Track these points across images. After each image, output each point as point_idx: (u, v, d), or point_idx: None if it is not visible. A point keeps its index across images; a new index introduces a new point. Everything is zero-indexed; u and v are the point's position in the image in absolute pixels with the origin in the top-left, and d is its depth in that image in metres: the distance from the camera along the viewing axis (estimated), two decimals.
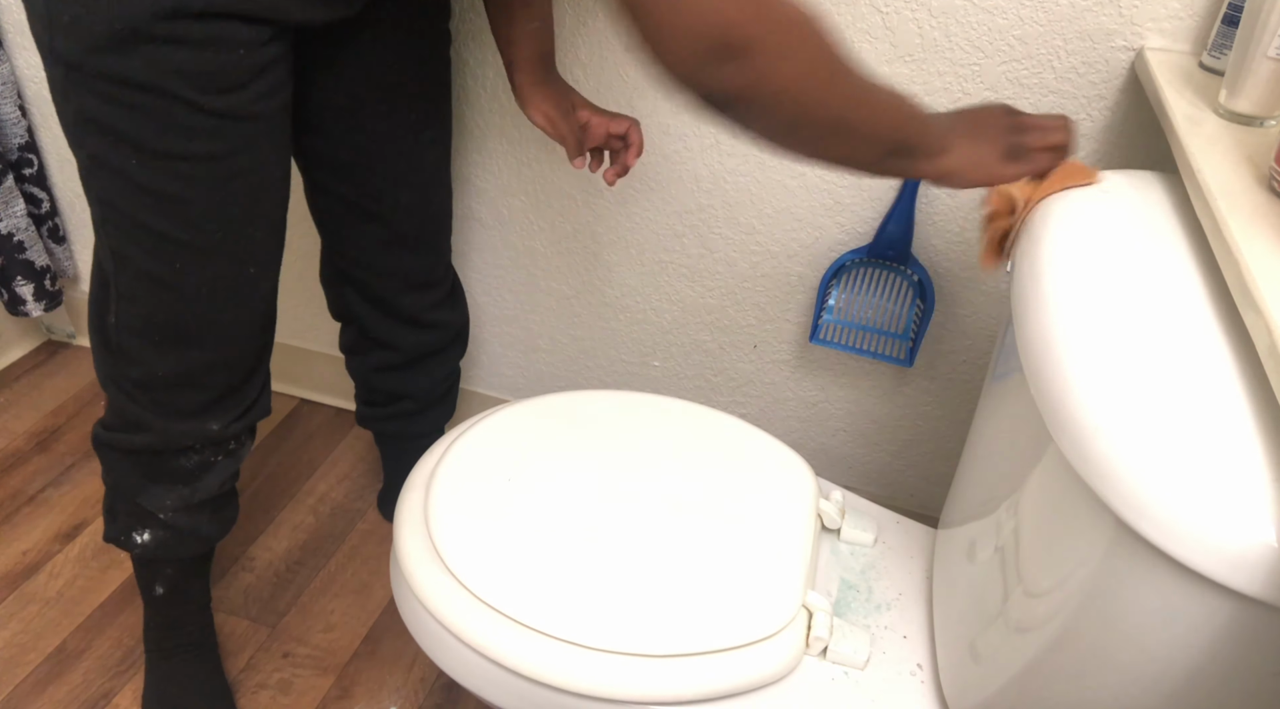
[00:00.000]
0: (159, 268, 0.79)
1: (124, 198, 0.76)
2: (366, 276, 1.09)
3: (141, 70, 0.69)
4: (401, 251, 1.08)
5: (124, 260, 0.80)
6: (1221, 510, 0.45)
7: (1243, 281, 0.53)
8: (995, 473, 0.71)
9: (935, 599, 0.82)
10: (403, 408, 1.22)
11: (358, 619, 1.22)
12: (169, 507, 0.94)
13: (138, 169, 0.74)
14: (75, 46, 0.69)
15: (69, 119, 0.74)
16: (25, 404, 1.51)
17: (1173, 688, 0.51)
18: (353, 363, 1.21)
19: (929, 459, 1.29)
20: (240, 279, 0.84)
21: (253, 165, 0.78)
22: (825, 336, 1.16)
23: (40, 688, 1.11)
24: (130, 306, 0.83)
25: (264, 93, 0.76)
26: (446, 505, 0.80)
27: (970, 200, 1.06)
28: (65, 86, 0.72)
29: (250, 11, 0.71)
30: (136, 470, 0.92)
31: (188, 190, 0.76)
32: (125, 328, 0.84)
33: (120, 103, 0.71)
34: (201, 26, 0.69)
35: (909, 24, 0.97)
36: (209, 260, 0.81)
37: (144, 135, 0.72)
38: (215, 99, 0.72)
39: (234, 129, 0.75)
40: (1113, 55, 0.93)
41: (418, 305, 1.13)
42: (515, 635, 0.72)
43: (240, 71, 0.73)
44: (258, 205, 0.81)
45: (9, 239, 1.37)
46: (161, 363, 0.85)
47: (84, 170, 0.77)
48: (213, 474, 0.94)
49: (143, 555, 0.98)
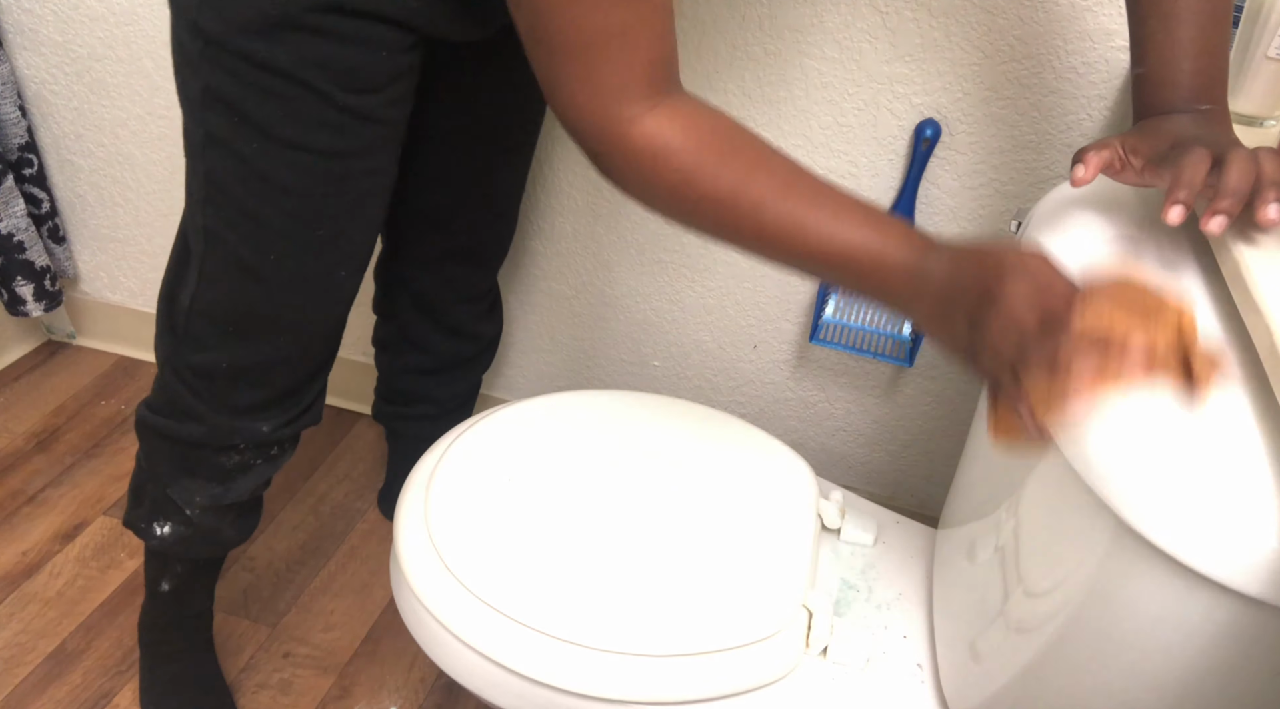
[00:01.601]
0: (253, 256, 0.79)
1: (236, 180, 0.75)
2: (421, 283, 1.11)
3: (284, 57, 0.69)
4: (460, 265, 1.10)
5: (217, 242, 0.79)
6: (1221, 510, 0.45)
7: (1243, 281, 0.53)
8: (995, 473, 0.71)
9: (935, 599, 0.82)
10: (422, 411, 1.23)
11: (358, 619, 1.22)
12: (198, 503, 0.92)
13: (257, 153, 0.73)
14: (222, 23, 0.69)
15: (193, 93, 0.73)
16: (25, 404, 1.51)
17: (1173, 688, 0.51)
18: (383, 359, 1.23)
19: (929, 459, 1.29)
20: (330, 279, 0.83)
21: (369, 168, 0.78)
22: (825, 337, 1.16)
23: (40, 688, 1.11)
24: (211, 291, 0.81)
25: (395, 98, 0.76)
26: (446, 505, 0.80)
27: (970, 201, 1.06)
28: (199, 60, 0.71)
29: (401, 17, 0.71)
30: (174, 460, 0.91)
31: (303, 182, 0.75)
32: (200, 312, 0.83)
33: (255, 85, 0.70)
34: (352, 23, 0.69)
35: (909, 24, 0.97)
36: (305, 256, 0.80)
37: (272, 121, 0.72)
38: (350, 97, 0.72)
39: (361, 129, 0.75)
40: (1113, 55, 0.93)
41: (461, 317, 1.15)
42: (515, 635, 0.72)
43: (378, 73, 0.73)
44: (363, 209, 0.81)
45: (9, 239, 1.37)
46: (230, 353, 0.84)
47: (197, 145, 0.76)
48: (249, 477, 0.93)
49: (158, 548, 0.97)
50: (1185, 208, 0.53)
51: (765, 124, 1.08)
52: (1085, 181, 0.60)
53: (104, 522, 1.32)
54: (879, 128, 1.04)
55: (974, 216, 1.07)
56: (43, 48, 1.31)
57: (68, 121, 1.38)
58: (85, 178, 1.43)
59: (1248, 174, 0.53)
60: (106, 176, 1.42)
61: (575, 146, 0.62)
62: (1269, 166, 0.54)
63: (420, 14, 0.72)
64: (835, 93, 1.03)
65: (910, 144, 1.04)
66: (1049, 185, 1.02)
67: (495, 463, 0.85)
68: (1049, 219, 0.68)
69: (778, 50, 1.03)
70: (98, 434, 1.46)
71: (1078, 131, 0.98)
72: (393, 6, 0.70)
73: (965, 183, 1.05)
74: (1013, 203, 1.05)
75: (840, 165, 1.08)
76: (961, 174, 1.05)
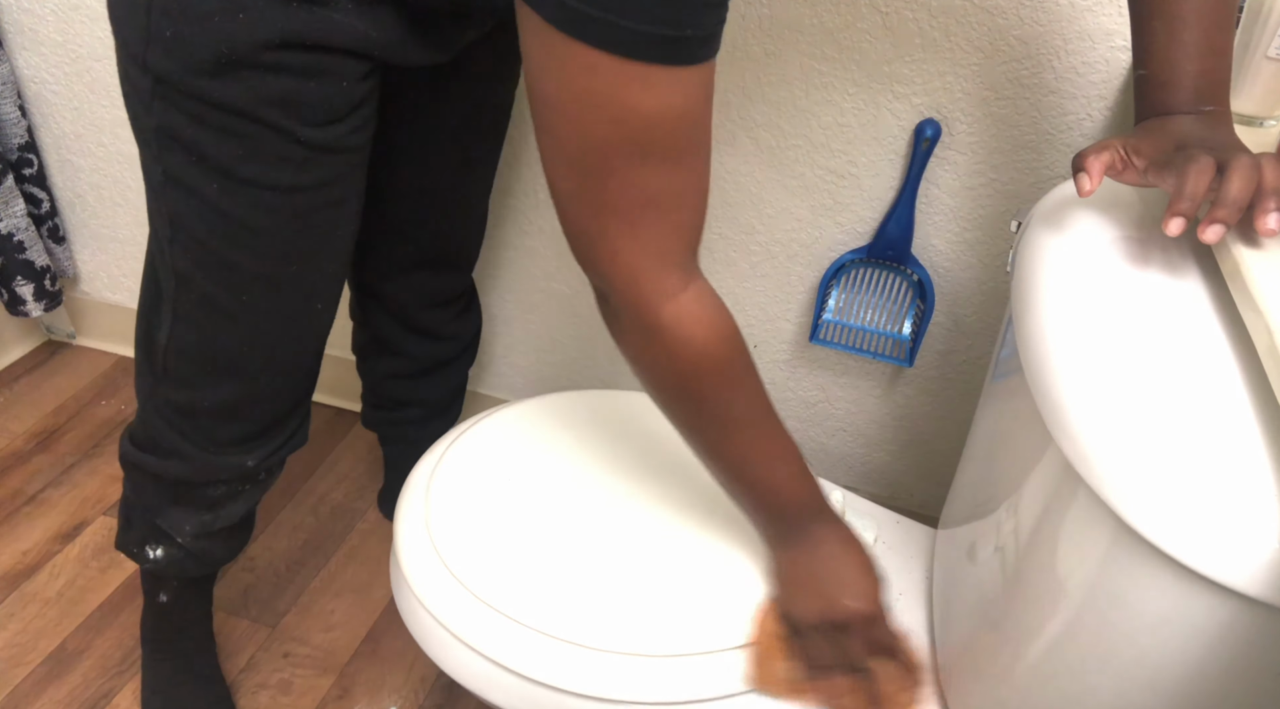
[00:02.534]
0: (224, 296, 0.77)
1: (198, 221, 0.73)
2: (391, 291, 1.09)
3: (240, 96, 0.67)
4: (430, 272, 1.08)
5: (187, 283, 0.77)
6: (1221, 510, 0.45)
7: (1243, 281, 0.53)
8: (995, 473, 0.71)
9: (935, 599, 0.82)
10: (409, 414, 1.22)
11: (358, 619, 1.22)
12: (188, 532, 0.92)
13: (219, 194, 0.71)
14: (172, 64, 0.66)
15: (148, 132, 0.71)
16: (25, 404, 1.51)
17: (1173, 688, 0.51)
18: (364, 366, 1.22)
19: (929, 459, 1.29)
20: (305, 313, 0.82)
21: (335, 199, 0.76)
22: (825, 337, 1.16)
23: (40, 688, 1.11)
24: (186, 331, 0.80)
25: (358, 126, 0.74)
26: (446, 505, 0.80)
27: (970, 201, 1.06)
28: (151, 99, 0.69)
29: (359, 47, 0.69)
30: (160, 493, 0.90)
31: (268, 220, 0.73)
32: (177, 351, 0.81)
33: (211, 125, 0.68)
34: (309, 57, 0.67)
35: (909, 24, 0.97)
36: (278, 293, 0.78)
37: (231, 161, 0.70)
38: (312, 131, 0.70)
39: (324, 161, 0.73)
40: (1113, 55, 0.93)
41: (435, 320, 1.14)
42: (515, 635, 0.72)
43: (339, 104, 0.71)
44: (332, 240, 0.79)
45: (9, 239, 1.37)
46: (210, 392, 0.83)
47: (157, 185, 0.74)
48: (238, 503, 0.92)
49: (152, 571, 0.97)
50: (1186, 220, 0.54)
51: (765, 124, 1.08)
52: (1092, 192, 0.60)
53: (104, 522, 1.32)
54: (879, 128, 1.04)
55: (974, 216, 1.07)
56: (43, 48, 1.31)
57: (68, 121, 1.38)
58: (85, 178, 1.43)
59: (1249, 183, 0.53)
60: (106, 176, 1.42)
61: None
62: (1270, 174, 0.54)
63: (378, 43, 0.70)
64: (835, 93, 1.03)
65: (910, 144, 1.04)
66: (1049, 185, 1.02)
67: (495, 463, 0.85)
68: (1049, 219, 0.68)
69: (778, 50, 1.03)
70: (98, 434, 1.46)
71: (1078, 131, 0.98)
72: (350, 38, 0.68)
73: (965, 183, 1.05)
74: (1013, 203, 1.05)
75: (840, 165, 1.08)
76: (961, 174, 1.05)
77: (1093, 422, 0.51)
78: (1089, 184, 0.59)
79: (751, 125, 1.08)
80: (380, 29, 0.69)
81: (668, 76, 0.51)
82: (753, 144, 1.09)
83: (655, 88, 0.51)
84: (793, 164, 1.09)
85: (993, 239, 1.08)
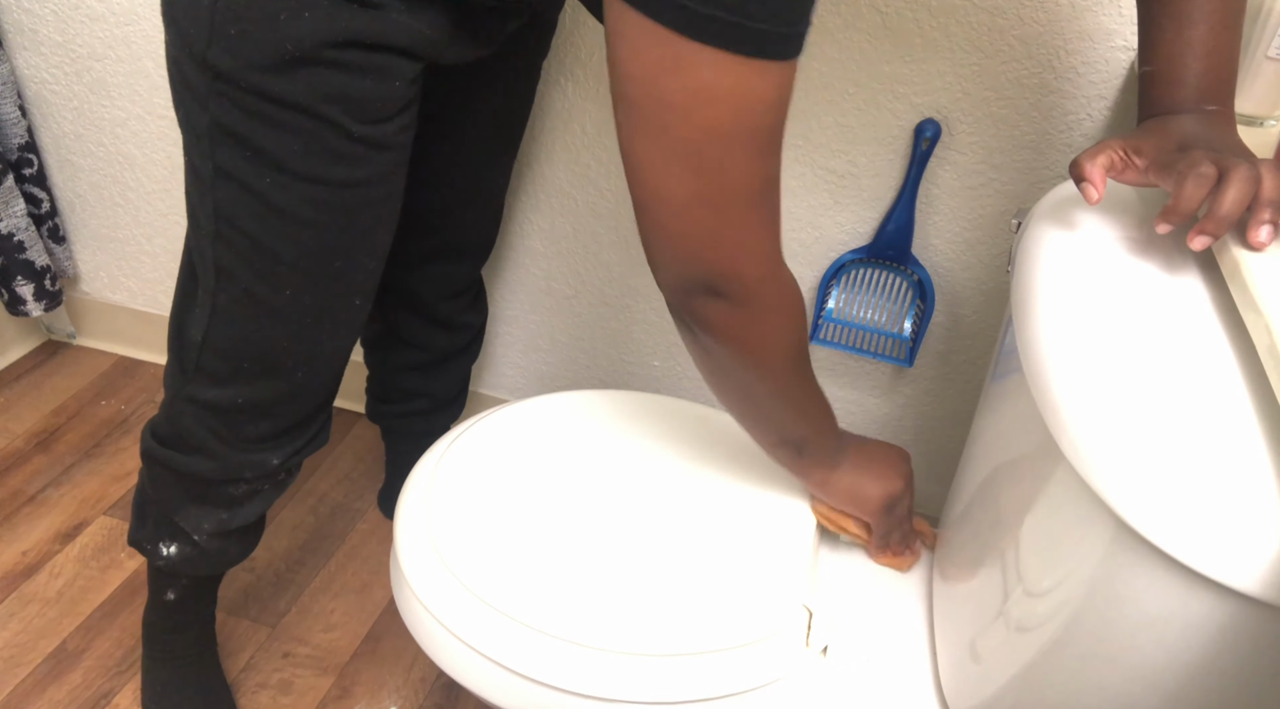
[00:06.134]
0: (267, 292, 0.77)
1: (248, 215, 0.74)
2: (409, 282, 1.10)
3: (300, 91, 0.68)
4: (449, 262, 1.10)
5: (230, 279, 0.77)
6: (1221, 510, 0.45)
7: (1242, 281, 0.53)
8: (995, 473, 0.71)
9: (935, 599, 0.82)
10: (417, 406, 1.23)
11: (358, 619, 1.22)
12: (205, 530, 0.92)
13: (272, 188, 0.72)
14: (235, 60, 0.67)
15: (199, 126, 0.72)
16: (25, 404, 1.51)
17: (1173, 688, 0.51)
18: (374, 358, 1.22)
19: (929, 459, 1.29)
20: (345, 310, 0.82)
21: (382, 195, 0.78)
22: (825, 336, 1.16)
23: (40, 688, 1.11)
24: (225, 328, 0.80)
25: (405, 125, 0.76)
26: (446, 505, 0.80)
27: (970, 201, 1.06)
28: (208, 95, 0.70)
29: (416, 47, 0.71)
30: (180, 490, 0.90)
31: (319, 215, 0.74)
32: (213, 348, 0.81)
33: (268, 120, 0.69)
34: (369, 56, 0.69)
35: (909, 24, 0.97)
36: (321, 289, 0.79)
37: (287, 155, 0.71)
38: (365, 127, 0.72)
39: (374, 158, 0.74)
40: (1113, 55, 0.93)
41: (450, 310, 1.15)
42: (515, 635, 0.72)
43: (392, 102, 0.73)
44: (376, 235, 0.80)
45: (9, 239, 1.37)
46: (244, 389, 0.83)
47: (205, 181, 0.74)
48: (257, 502, 0.93)
49: (164, 568, 0.97)
50: (1175, 226, 0.56)
51: None
52: (1099, 200, 0.60)
53: (104, 522, 1.32)
54: (879, 128, 1.04)
55: (974, 216, 1.07)
56: (43, 48, 1.31)
57: (68, 121, 1.38)
58: (85, 178, 1.43)
59: (1243, 196, 0.53)
60: (106, 176, 1.42)
61: (573, 151, 0.63)
62: (1268, 184, 0.54)
63: (431, 41, 0.72)
64: (835, 93, 1.03)
65: (910, 144, 1.04)
66: (1049, 185, 1.02)
67: (495, 463, 0.85)
68: (1049, 219, 0.68)
69: None
70: (98, 434, 1.46)
71: (1078, 131, 0.98)
72: (408, 37, 0.70)
73: (965, 183, 1.05)
74: (1013, 203, 1.05)
75: (840, 165, 1.08)
76: (961, 174, 1.05)
77: (1093, 422, 0.51)
78: (1095, 193, 0.60)
79: None
80: (432, 28, 0.71)
81: (779, 70, 0.54)
82: None
83: (770, 79, 0.54)
84: (793, 164, 1.09)
85: (993, 239, 1.08)
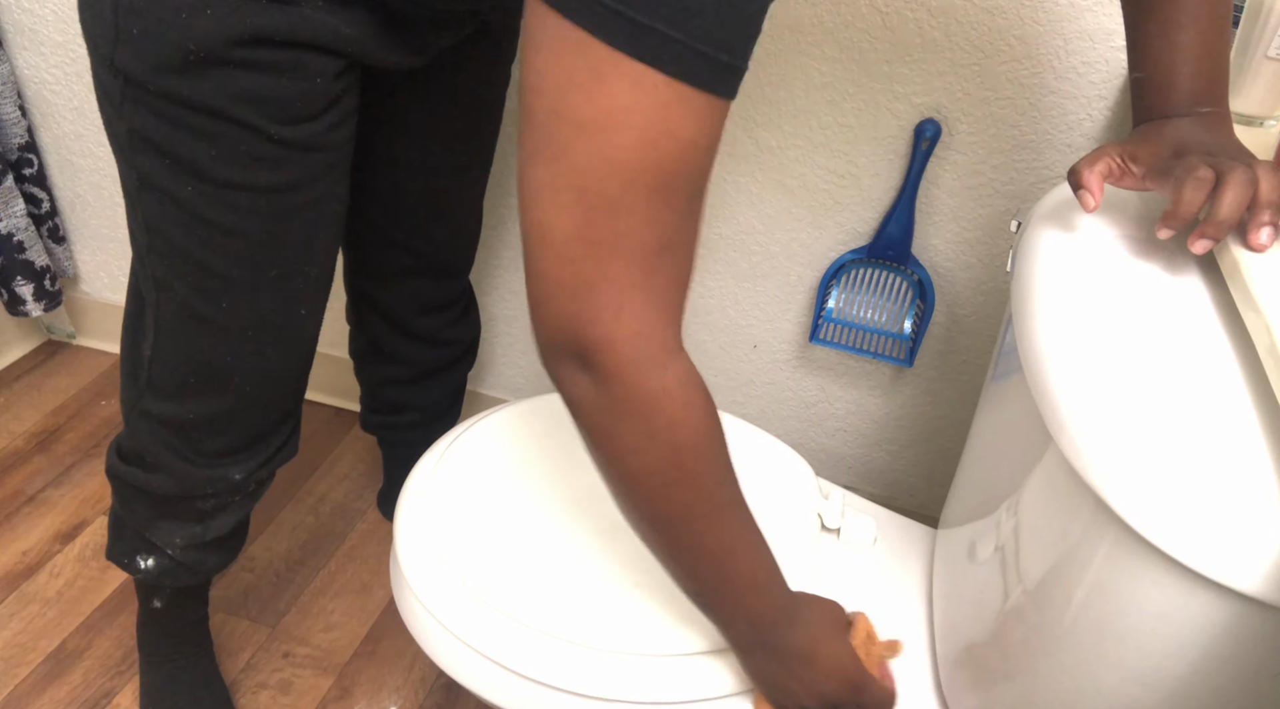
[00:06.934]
0: (204, 304, 0.75)
1: (174, 226, 0.71)
2: (385, 298, 1.08)
3: (211, 94, 0.65)
4: (424, 279, 1.07)
5: (167, 292, 0.75)
6: (1221, 510, 0.45)
7: (1242, 281, 0.53)
8: (995, 473, 0.71)
9: (935, 599, 0.82)
10: (408, 419, 1.21)
11: (358, 619, 1.22)
12: (178, 544, 0.91)
13: (193, 197, 0.69)
14: (140, 63, 0.64)
15: (120, 135, 0.69)
16: (25, 404, 1.51)
17: (1173, 688, 0.51)
18: (362, 371, 1.21)
19: (929, 459, 1.29)
20: (289, 320, 0.80)
21: (314, 199, 0.74)
22: (825, 337, 1.16)
23: (40, 688, 1.11)
24: (169, 342, 0.78)
25: (335, 123, 0.72)
26: (446, 505, 0.80)
27: (970, 201, 1.06)
28: (121, 101, 0.67)
29: (333, 44, 0.68)
30: (148, 506, 0.89)
31: (245, 223, 0.71)
32: (160, 363, 0.79)
33: (182, 125, 0.66)
34: (281, 54, 0.65)
35: (909, 24, 0.97)
36: (260, 299, 0.76)
37: (205, 161, 0.68)
38: (285, 128, 0.68)
39: (301, 160, 0.71)
40: (1113, 55, 0.93)
41: (432, 326, 1.12)
42: (515, 635, 0.72)
43: (315, 101, 0.69)
44: (314, 242, 0.77)
45: (9, 239, 1.37)
46: (195, 404, 0.81)
47: (132, 191, 0.72)
48: (228, 515, 0.91)
49: (144, 581, 0.96)
50: (1175, 231, 0.55)
51: (765, 124, 1.08)
52: (1097, 207, 0.60)
53: (104, 522, 1.32)
54: (879, 128, 1.04)
55: (974, 216, 1.07)
56: (43, 48, 1.31)
57: (68, 121, 1.38)
58: (85, 178, 1.43)
59: (1241, 200, 0.53)
60: (106, 176, 1.42)
61: None
62: (1266, 186, 0.53)
63: (351, 39, 0.68)
64: (835, 93, 1.03)
65: (910, 144, 1.04)
66: (1049, 185, 1.02)
67: (495, 463, 0.85)
68: (1049, 219, 0.68)
69: (778, 50, 1.03)
70: (98, 434, 1.46)
71: (1078, 132, 0.99)
72: (323, 34, 0.66)
73: (965, 183, 1.05)
74: (1013, 203, 1.05)
75: (840, 165, 1.08)
76: (961, 174, 1.05)
77: (1093, 422, 0.51)
78: (1092, 201, 0.59)
79: (751, 125, 1.08)
80: (353, 26, 0.68)
81: (708, 105, 0.47)
82: (753, 144, 1.10)
83: (695, 114, 0.46)
84: (793, 164, 1.09)
85: (993, 239, 1.08)
